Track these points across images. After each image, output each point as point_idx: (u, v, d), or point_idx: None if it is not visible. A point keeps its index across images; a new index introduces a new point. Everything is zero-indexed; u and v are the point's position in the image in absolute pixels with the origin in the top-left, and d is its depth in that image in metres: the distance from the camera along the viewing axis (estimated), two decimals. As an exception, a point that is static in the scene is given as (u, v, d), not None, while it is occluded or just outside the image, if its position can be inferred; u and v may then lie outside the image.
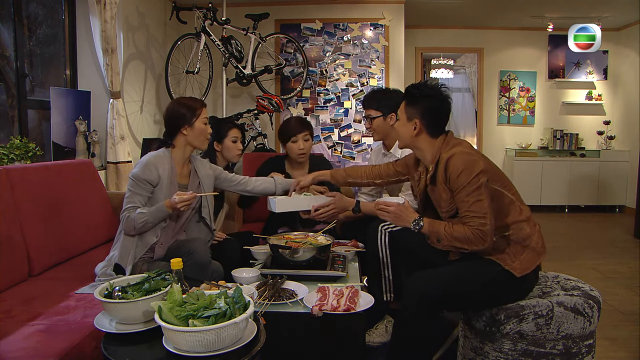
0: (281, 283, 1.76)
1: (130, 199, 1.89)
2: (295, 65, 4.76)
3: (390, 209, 1.73)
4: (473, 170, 1.57)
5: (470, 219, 1.57)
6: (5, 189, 1.93)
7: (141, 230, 1.88)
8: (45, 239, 2.07)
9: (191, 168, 2.10)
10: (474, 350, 1.73)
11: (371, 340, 2.09)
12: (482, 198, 1.56)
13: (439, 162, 1.69)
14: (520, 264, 1.60)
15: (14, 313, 1.59)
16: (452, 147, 1.68)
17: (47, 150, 2.99)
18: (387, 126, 2.33)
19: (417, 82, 1.82)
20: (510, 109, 6.35)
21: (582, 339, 1.62)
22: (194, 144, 2.04)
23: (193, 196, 1.85)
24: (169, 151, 2.02)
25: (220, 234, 2.32)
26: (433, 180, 1.73)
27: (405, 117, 1.78)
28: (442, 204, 1.72)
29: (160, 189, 1.92)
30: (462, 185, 1.58)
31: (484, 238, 1.55)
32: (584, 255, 3.96)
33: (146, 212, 1.85)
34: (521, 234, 1.64)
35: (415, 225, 1.68)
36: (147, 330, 1.30)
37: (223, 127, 2.50)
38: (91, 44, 3.19)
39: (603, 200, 6.13)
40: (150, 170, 1.90)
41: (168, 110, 2.04)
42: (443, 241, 1.63)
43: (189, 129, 2.00)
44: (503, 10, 5.40)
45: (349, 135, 4.82)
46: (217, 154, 2.52)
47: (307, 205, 2.27)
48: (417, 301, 1.58)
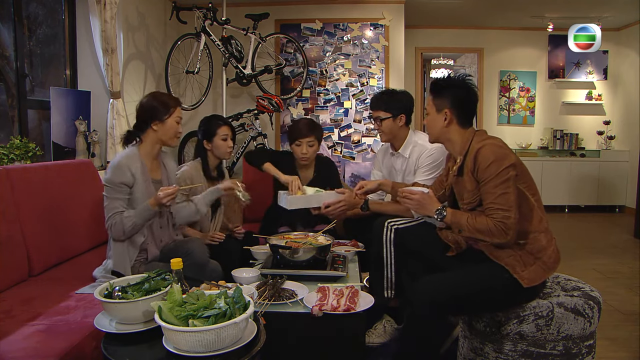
0: (281, 283, 1.76)
1: (111, 205, 1.87)
2: (295, 65, 4.76)
3: (415, 196, 1.72)
4: (503, 162, 1.55)
5: (494, 211, 1.55)
6: (5, 189, 1.93)
7: (131, 233, 1.87)
8: (45, 239, 2.07)
9: (160, 162, 2.09)
10: (474, 350, 1.73)
11: (370, 341, 2.09)
12: (509, 191, 1.54)
13: (468, 153, 1.67)
14: (529, 274, 1.58)
15: (14, 313, 1.59)
16: (485, 139, 1.66)
17: (47, 150, 2.98)
18: (396, 127, 2.32)
19: (439, 77, 1.83)
20: (510, 109, 6.35)
21: (583, 340, 1.62)
22: (163, 140, 2.01)
23: (176, 189, 1.85)
24: (136, 148, 1.99)
25: (220, 234, 2.32)
26: (460, 170, 1.71)
27: (434, 110, 1.77)
28: (465, 194, 1.69)
29: (137, 188, 1.90)
30: (490, 176, 1.56)
31: (507, 231, 1.53)
32: (584, 255, 3.97)
33: (132, 215, 1.85)
34: (536, 245, 1.61)
35: (439, 214, 1.67)
36: (147, 330, 1.30)
37: (212, 125, 2.43)
38: (91, 44, 3.19)
39: (603, 200, 6.13)
40: (123, 172, 1.87)
41: (142, 103, 2.00)
42: (465, 232, 1.63)
43: (159, 124, 1.97)
44: (503, 10, 5.40)
45: (349, 135, 4.82)
46: (208, 153, 2.46)
47: (317, 202, 2.30)
48: (426, 306, 1.56)
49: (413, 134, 2.37)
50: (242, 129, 4.23)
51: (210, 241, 2.22)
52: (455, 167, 1.74)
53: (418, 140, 2.32)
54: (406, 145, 2.34)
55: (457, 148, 1.75)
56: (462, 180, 1.70)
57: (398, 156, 2.39)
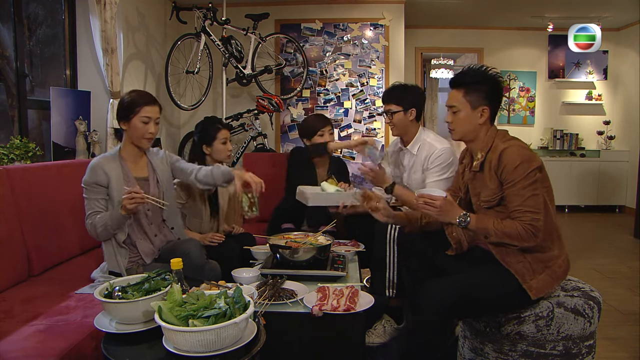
0: (281, 283, 1.76)
1: (88, 205, 1.86)
2: (295, 65, 4.76)
3: (437, 203, 1.59)
4: (531, 164, 1.52)
5: (522, 214, 1.51)
6: (5, 189, 1.93)
7: (104, 235, 1.83)
8: (45, 239, 2.07)
9: (147, 160, 2.03)
10: (474, 350, 1.73)
11: (370, 341, 2.09)
12: (537, 193, 1.51)
13: (490, 149, 1.63)
14: (537, 283, 1.56)
15: (14, 313, 1.59)
16: (510, 139, 1.62)
17: (47, 150, 2.98)
18: (406, 121, 2.33)
19: (463, 70, 1.73)
20: (510, 109, 6.35)
21: (582, 340, 1.62)
22: (132, 141, 1.93)
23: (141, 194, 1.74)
24: (119, 146, 1.96)
25: (219, 235, 2.31)
26: (481, 166, 1.65)
27: (468, 107, 1.68)
28: (485, 192, 1.64)
29: (112, 189, 1.86)
30: (518, 178, 1.52)
31: (536, 234, 1.49)
32: (584, 255, 3.97)
33: (105, 216, 1.82)
34: (548, 254, 1.59)
35: (462, 221, 1.59)
36: (147, 330, 1.30)
37: (211, 129, 2.39)
38: (91, 44, 3.19)
39: (603, 200, 6.12)
40: (97, 173, 1.84)
41: (119, 100, 1.94)
42: (492, 237, 1.56)
43: (126, 124, 1.90)
44: (503, 10, 5.40)
45: (349, 135, 4.82)
46: (207, 157, 2.42)
47: (337, 202, 2.32)
48: (433, 311, 1.54)
49: (423, 131, 2.38)
50: (242, 129, 4.23)
51: (209, 242, 2.21)
52: (476, 162, 1.67)
53: (427, 139, 2.34)
54: (415, 142, 2.36)
55: (481, 144, 1.69)
56: (482, 176, 1.65)
57: (406, 152, 2.41)
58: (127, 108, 1.89)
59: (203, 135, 2.40)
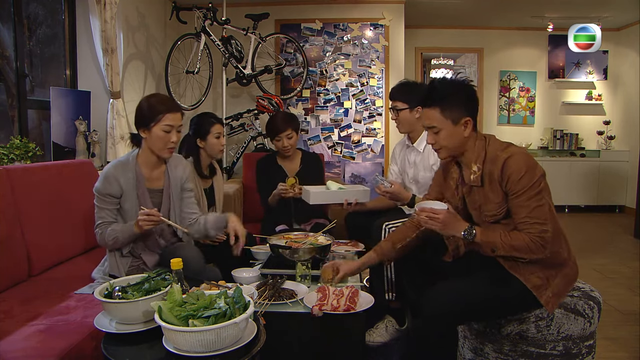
0: (281, 283, 1.76)
1: (99, 214, 1.81)
2: (295, 65, 4.76)
3: (440, 216, 1.52)
4: (535, 173, 1.47)
5: (530, 226, 1.45)
6: (5, 189, 1.92)
7: (113, 247, 1.81)
8: (45, 239, 2.07)
9: (164, 170, 1.90)
10: (474, 350, 1.73)
11: (371, 340, 2.09)
12: (544, 202, 1.46)
13: (488, 161, 1.55)
14: (552, 290, 1.51)
15: (14, 313, 1.59)
16: (507, 147, 1.54)
17: (47, 150, 2.98)
18: (412, 118, 2.34)
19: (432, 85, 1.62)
20: (510, 109, 6.35)
21: (582, 340, 1.62)
22: (153, 150, 1.82)
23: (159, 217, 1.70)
24: (136, 153, 1.85)
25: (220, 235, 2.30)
26: (481, 180, 1.57)
27: (450, 124, 1.56)
28: (489, 206, 1.57)
29: (125, 200, 1.80)
30: (523, 189, 1.46)
31: (545, 246, 1.45)
32: (584, 255, 3.96)
33: (117, 230, 1.77)
34: (557, 259, 1.56)
35: (467, 235, 1.52)
36: (147, 330, 1.30)
37: (205, 123, 2.41)
38: (91, 44, 3.19)
39: (603, 200, 6.12)
40: (110, 183, 1.77)
41: (138, 105, 1.83)
42: (499, 251, 1.49)
43: (146, 132, 1.79)
44: (503, 10, 5.40)
45: (349, 135, 4.82)
46: (201, 151, 2.44)
47: (340, 199, 2.37)
48: (438, 318, 1.50)
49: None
50: (242, 129, 4.23)
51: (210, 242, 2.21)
52: (474, 176, 1.58)
53: None
54: (422, 140, 2.37)
55: (473, 156, 1.59)
56: (482, 190, 1.57)
57: (412, 149, 2.41)
58: (147, 115, 1.78)
59: (197, 129, 2.43)
